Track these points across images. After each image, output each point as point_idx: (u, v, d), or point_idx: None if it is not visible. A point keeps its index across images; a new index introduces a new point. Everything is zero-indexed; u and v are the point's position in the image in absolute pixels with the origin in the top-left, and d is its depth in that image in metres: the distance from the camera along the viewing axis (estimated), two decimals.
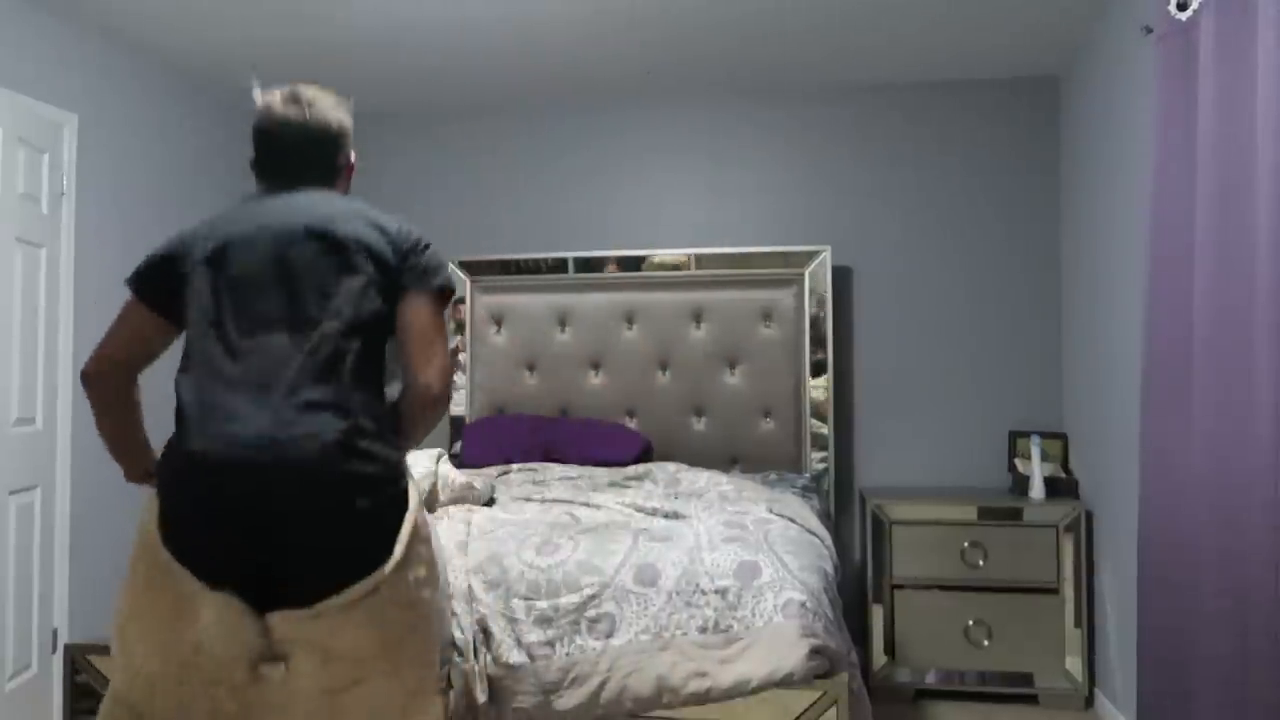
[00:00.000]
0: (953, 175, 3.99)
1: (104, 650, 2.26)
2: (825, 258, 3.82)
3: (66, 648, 2.33)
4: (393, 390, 1.73)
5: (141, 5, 3.19)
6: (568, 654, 2.03)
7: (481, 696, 2.00)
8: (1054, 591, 3.42)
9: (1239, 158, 1.97)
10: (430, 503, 2.51)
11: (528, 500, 2.77)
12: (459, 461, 3.70)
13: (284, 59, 3.70)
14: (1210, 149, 2.03)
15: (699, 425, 3.96)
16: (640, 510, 2.58)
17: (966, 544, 3.47)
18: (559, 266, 4.02)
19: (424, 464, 2.54)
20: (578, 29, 3.42)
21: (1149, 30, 2.44)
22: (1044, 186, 3.93)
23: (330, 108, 1.85)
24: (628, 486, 3.10)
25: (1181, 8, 2.17)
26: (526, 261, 4.05)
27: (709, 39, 3.52)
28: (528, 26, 3.39)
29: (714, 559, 2.11)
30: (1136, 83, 2.89)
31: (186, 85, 3.93)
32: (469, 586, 2.12)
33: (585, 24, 3.37)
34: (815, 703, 1.93)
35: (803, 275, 3.84)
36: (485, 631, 2.06)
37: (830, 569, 2.37)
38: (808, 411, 3.81)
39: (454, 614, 2.06)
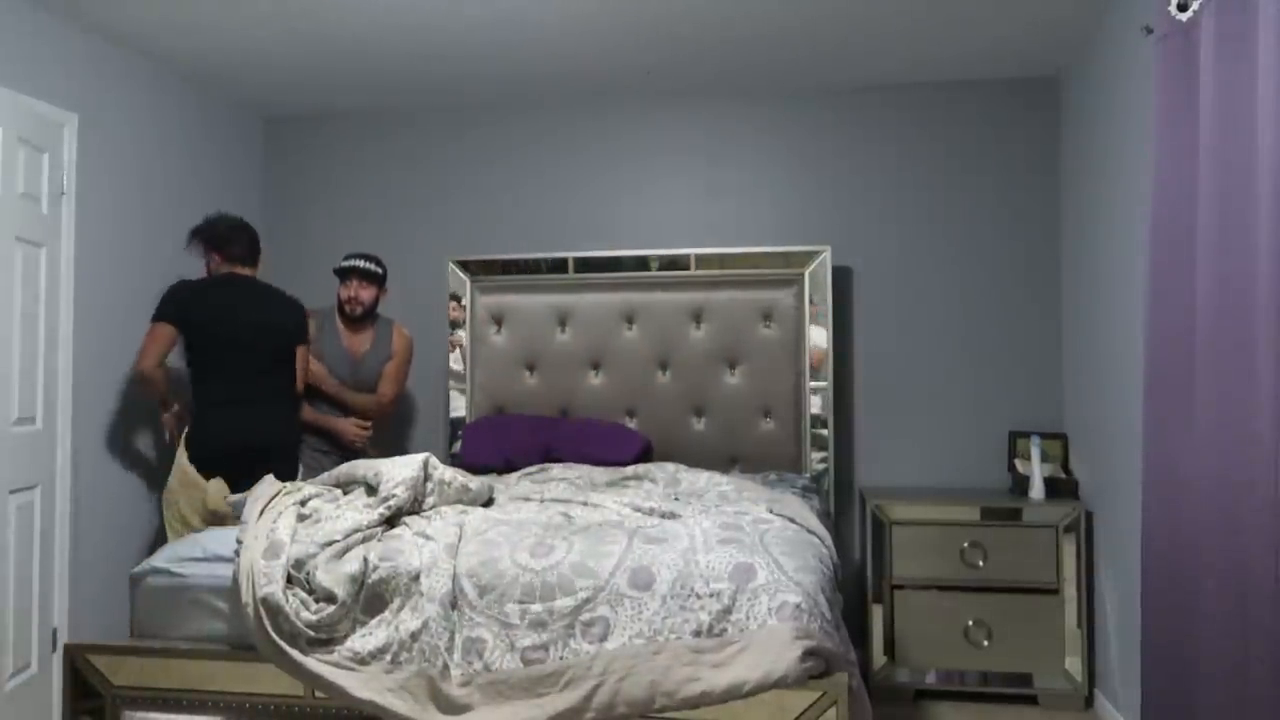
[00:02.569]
0: (953, 175, 3.98)
1: (104, 650, 2.26)
2: (825, 258, 3.81)
3: (66, 648, 2.34)
4: None
5: (142, 5, 3.19)
6: (561, 658, 2.02)
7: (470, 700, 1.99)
8: (1054, 592, 3.42)
9: (1239, 158, 1.96)
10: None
11: (526, 500, 2.76)
12: (459, 462, 3.69)
13: (283, 59, 3.71)
14: (1210, 149, 2.03)
15: (699, 425, 3.96)
16: (638, 510, 2.57)
17: (966, 544, 3.47)
18: (559, 266, 4.02)
19: (407, 470, 2.47)
20: (578, 29, 3.42)
21: (1149, 30, 2.43)
22: (1044, 186, 3.92)
23: None
24: (627, 486, 3.10)
25: (1182, 8, 2.16)
26: (526, 261, 4.05)
27: (708, 39, 3.51)
28: (528, 27, 3.39)
29: (709, 561, 2.10)
30: (1136, 83, 2.89)
31: (186, 85, 3.93)
32: (460, 589, 2.11)
33: (585, 24, 3.37)
34: (815, 703, 1.92)
35: (803, 275, 3.84)
36: (477, 638, 2.06)
37: (829, 568, 2.36)
38: (808, 411, 3.81)
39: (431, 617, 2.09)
